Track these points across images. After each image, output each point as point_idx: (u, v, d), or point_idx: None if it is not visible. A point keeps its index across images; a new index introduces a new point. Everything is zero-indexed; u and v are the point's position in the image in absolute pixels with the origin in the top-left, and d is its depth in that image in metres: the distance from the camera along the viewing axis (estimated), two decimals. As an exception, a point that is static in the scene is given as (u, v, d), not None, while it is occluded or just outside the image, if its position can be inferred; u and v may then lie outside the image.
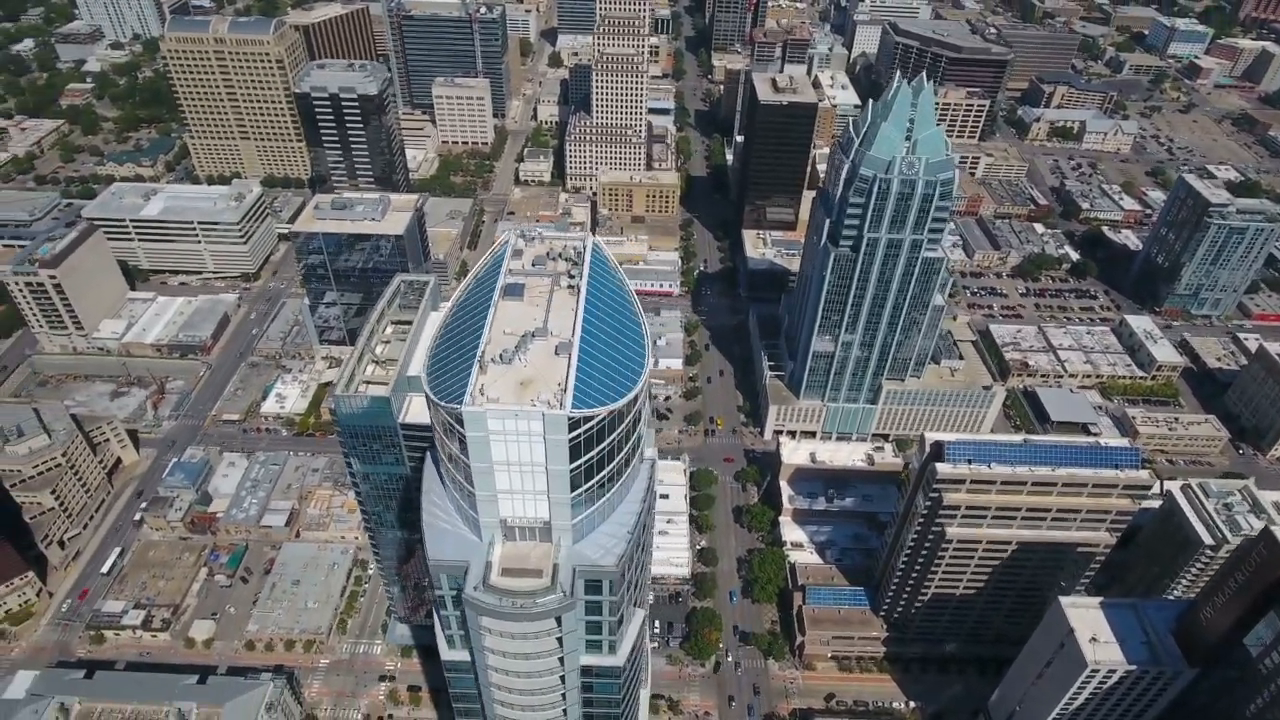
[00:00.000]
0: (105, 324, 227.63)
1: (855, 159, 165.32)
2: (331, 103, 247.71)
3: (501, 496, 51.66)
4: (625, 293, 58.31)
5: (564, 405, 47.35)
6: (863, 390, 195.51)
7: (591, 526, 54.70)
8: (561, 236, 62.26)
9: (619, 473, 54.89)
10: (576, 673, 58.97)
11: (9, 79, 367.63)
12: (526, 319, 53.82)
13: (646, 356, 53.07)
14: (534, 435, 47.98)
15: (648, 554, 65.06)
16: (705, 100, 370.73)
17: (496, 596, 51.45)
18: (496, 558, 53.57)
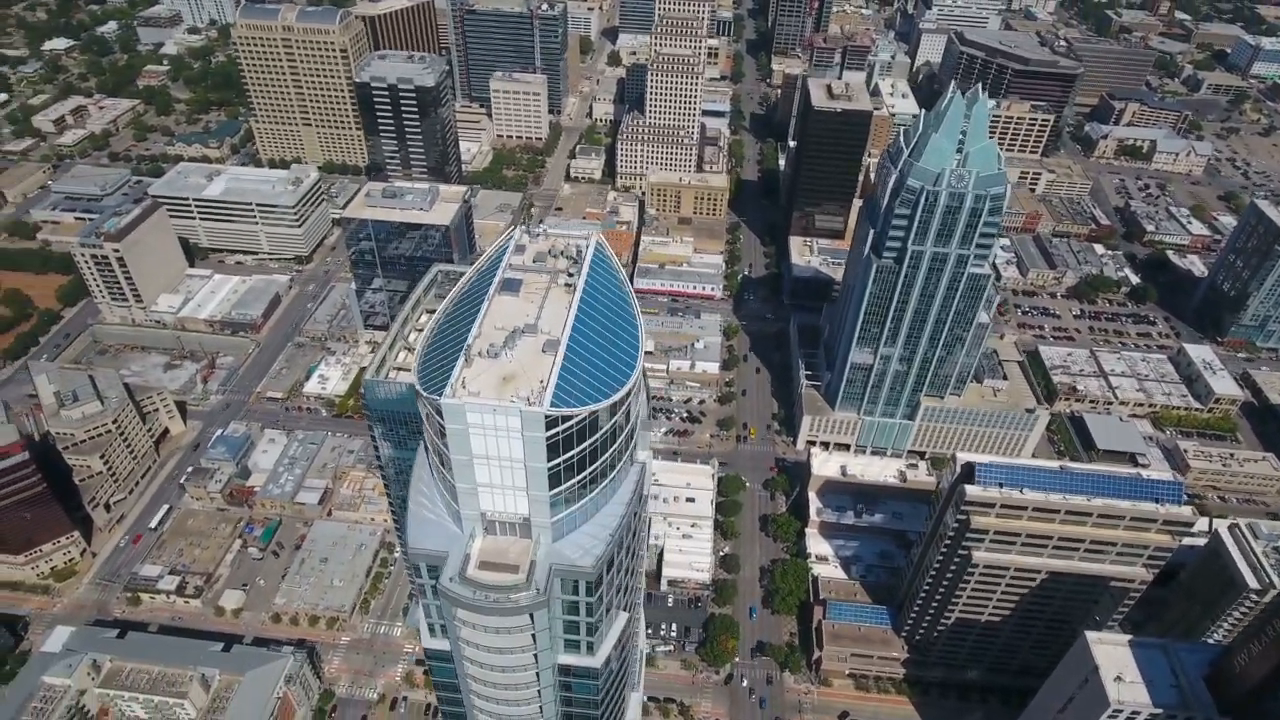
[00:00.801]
0: (163, 298, 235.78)
1: (903, 169, 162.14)
2: (390, 93, 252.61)
3: (481, 490, 51.90)
4: (624, 294, 57.95)
5: (542, 402, 47.29)
6: (900, 405, 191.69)
7: (572, 526, 54.57)
8: (566, 234, 62.12)
9: (603, 474, 54.57)
10: (552, 670, 58.87)
11: (92, 59, 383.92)
12: (519, 314, 53.91)
13: (637, 360, 52.65)
14: (512, 431, 48.02)
15: (636, 558, 64.58)
16: (762, 104, 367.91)
17: (471, 589, 51.68)
18: (475, 551, 53.80)
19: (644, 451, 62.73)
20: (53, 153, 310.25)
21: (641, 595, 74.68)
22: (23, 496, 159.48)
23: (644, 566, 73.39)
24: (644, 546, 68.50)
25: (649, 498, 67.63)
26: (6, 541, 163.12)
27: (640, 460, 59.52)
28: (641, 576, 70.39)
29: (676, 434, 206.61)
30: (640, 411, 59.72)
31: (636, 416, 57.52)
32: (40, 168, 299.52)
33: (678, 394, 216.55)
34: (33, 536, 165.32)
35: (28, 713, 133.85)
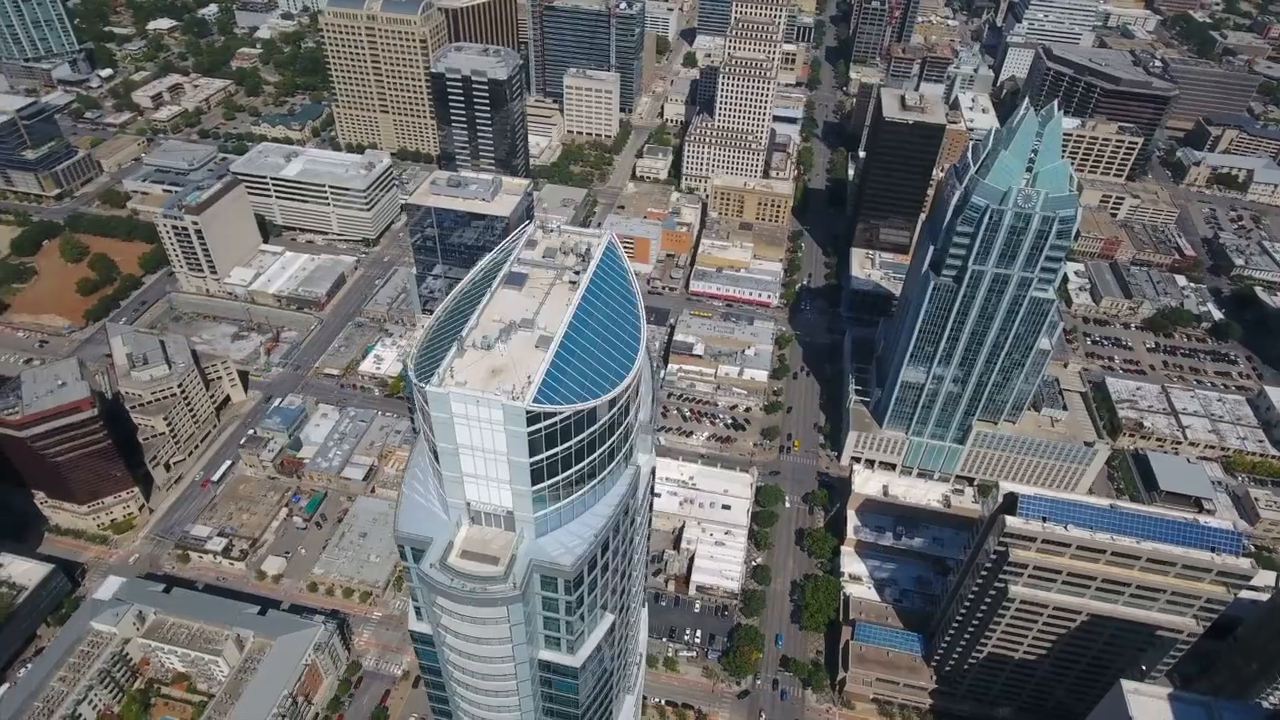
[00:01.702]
0: (236, 271, 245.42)
1: (968, 186, 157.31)
2: (463, 84, 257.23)
3: (467, 480, 52.24)
4: (629, 297, 57.48)
5: (524, 397, 47.29)
6: (950, 428, 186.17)
7: (557, 523, 54.44)
8: (580, 232, 62.08)
9: (591, 474, 54.28)
10: (529, 665, 58.89)
11: (192, 40, 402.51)
12: (519, 308, 54.08)
13: (634, 364, 52.16)
14: (495, 423, 48.17)
15: (630, 562, 64.04)
16: (836, 113, 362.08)
17: (450, 576, 52.11)
18: (459, 539, 54.20)
19: (644, 454, 62.22)
20: (148, 127, 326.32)
21: (639, 599, 74.13)
22: (89, 450, 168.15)
23: (643, 571, 72.91)
24: (640, 550, 67.99)
25: (647, 502, 67.08)
26: (73, 492, 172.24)
27: (637, 463, 59.02)
28: (638, 580, 69.98)
29: (719, 439, 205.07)
30: (640, 415, 59.31)
31: (633, 419, 57.11)
32: (135, 140, 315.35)
33: (724, 399, 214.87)
34: (96, 489, 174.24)
35: (75, 655, 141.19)
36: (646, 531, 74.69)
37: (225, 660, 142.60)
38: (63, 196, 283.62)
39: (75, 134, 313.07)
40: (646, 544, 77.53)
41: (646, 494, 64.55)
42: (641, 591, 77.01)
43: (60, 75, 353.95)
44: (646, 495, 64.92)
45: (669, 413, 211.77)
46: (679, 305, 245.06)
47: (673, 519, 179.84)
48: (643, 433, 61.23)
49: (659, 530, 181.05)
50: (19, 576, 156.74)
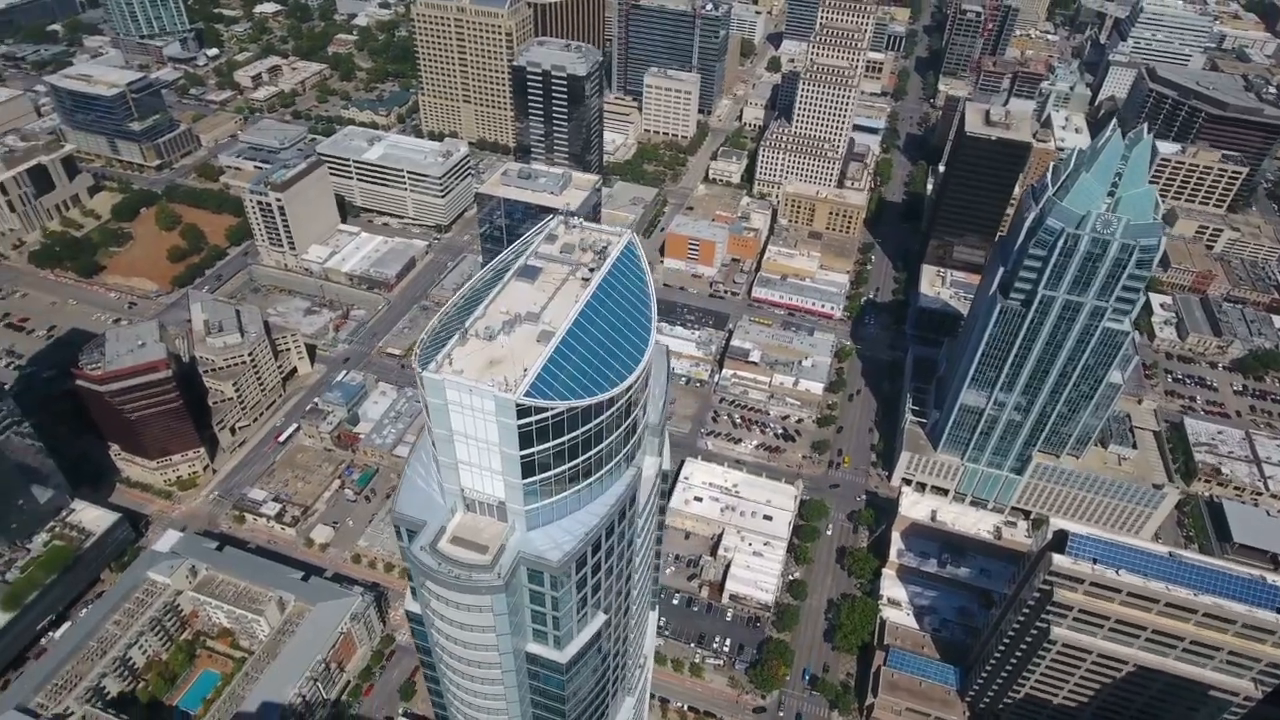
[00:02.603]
0: (314, 248, 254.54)
1: (1045, 207, 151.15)
2: (542, 79, 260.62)
3: (461, 467, 52.71)
4: (642, 299, 56.87)
5: (516, 390, 47.38)
6: (1009, 457, 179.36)
7: (549, 518, 54.39)
8: (600, 229, 61.97)
9: (586, 472, 54.03)
10: (514, 656, 58.93)
11: (294, 24, 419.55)
12: (528, 301, 54.26)
13: (638, 366, 51.70)
14: (487, 413, 48.43)
15: (628, 563, 63.47)
16: (921, 125, 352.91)
17: (437, 561, 52.76)
18: (452, 526, 54.75)
19: (651, 457, 61.73)
20: (246, 105, 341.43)
21: (644, 601, 73.50)
22: (161, 408, 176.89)
23: (649, 574, 72.21)
24: (645, 553, 67.36)
25: (653, 505, 66.43)
26: (144, 447, 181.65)
27: (639, 465, 58.46)
28: (642, 583, 69.34)
29: (768, 449, 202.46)
30: (649, 417, 58.91)
31: (636, 421, 56.69)
32: (233, 118, 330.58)
33: (776, 409, 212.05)
34: (166, 446, 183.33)
35: (131, 601, 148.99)
36: (655, 535, 74.21)
37: (267, 620, 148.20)
38: (162, 167, 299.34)
39: (179, 109, 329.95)
40: (657, 547, 77.11)
41: (653, 497, 64.04)
42: (649, 595, 76.66)
43: (171, 53, 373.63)
44: (653, 499, 64.41)
45: (719, 418, 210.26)
46: (739, 311, 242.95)
47: (712, 525, 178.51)
48: (650, 435, 60.88)
49: (697, 535, 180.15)
50: (89, 523, 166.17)
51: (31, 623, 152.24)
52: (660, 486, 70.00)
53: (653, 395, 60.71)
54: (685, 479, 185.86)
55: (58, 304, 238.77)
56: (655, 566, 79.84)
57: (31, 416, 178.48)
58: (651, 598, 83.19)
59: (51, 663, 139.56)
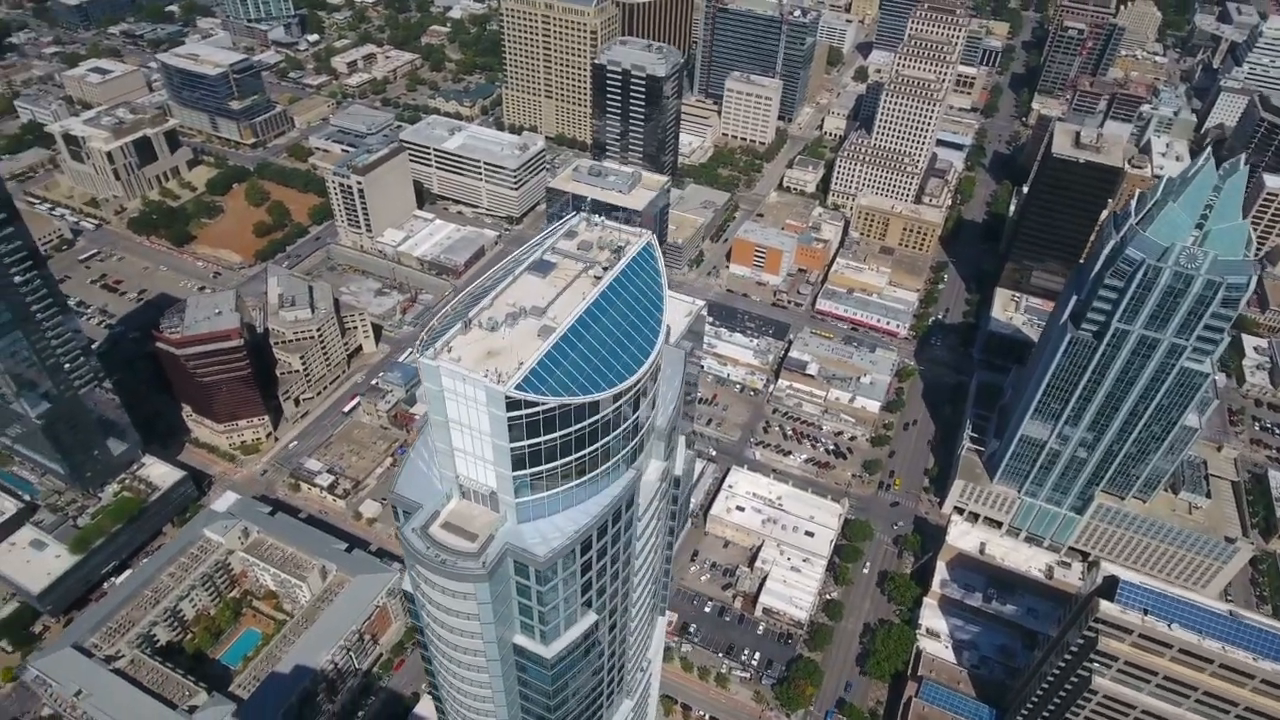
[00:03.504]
0: (389, 232, 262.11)
1: (1125, 236, 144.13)
2: (622, 78, 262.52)
3: (457, 454, 53.12)
4: (653, 302, 55.97)
5: (508, 383, 47.48)
6: (1069, 494, 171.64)
7: (541, 512, 54.25)
8: (620, 229, 61.61)
9: (581, 470, 53.73)
10: (499, 646, 58.90)
11: (392, 14, 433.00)
12: (536, 295, 54.29)
13: (641, 368, 51.11)
14: (479, 403, 48.71)
15: (625, 566, 62.75)
16: (1010, 144, 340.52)
17: (426, 544, 53.40)
18: (446, 511, 55.26)
19: (656, 461, 61.04)
20: (339, 91, 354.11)
21: (648, 605, 72.65)
22: (231, 375, 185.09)
23: (653, 579, 71.33)
24: (647, 558, 66.44)
25: (659, 510, 65.63)
26: (213, 410, 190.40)
27: (640, 468, 57.79)
28: (643, 587, 68.45)
29: (817, 464, 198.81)
30: (655, 421, 58.33)
31: (638, 423, 56.18)
32: (326, 102, 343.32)
33: (829, 424, 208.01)
34: (233, 411, 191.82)
35: (186, 556, 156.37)
36: (664, 540, 73.55)
37: (309, 587, 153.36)
38: (257, 145, 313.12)
39: (277, 91, 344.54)
40: (667, 553, 76.42)
41: (657, 502, 63.39)
42: (655, 599, 75.94)
43: (274, 37, 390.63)
44: (657, 503, 63.76)
45: (770, 428, 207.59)
46: (801, 322, 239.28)
47: (752, 536, 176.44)
48: (657, 439, 60.32)
49: (736, 545, 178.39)
50: (156, 478, 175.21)
51: (96, 567, 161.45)
52: (671, 491, 69.44)
53: (663, 399, 60.27)
54: (729, 487, 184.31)
55: (150, 269, 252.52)
56: (666, 572, 79.28)
57: (115, 374, 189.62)
58: (659, 602, 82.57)
59: (109, 607, 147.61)
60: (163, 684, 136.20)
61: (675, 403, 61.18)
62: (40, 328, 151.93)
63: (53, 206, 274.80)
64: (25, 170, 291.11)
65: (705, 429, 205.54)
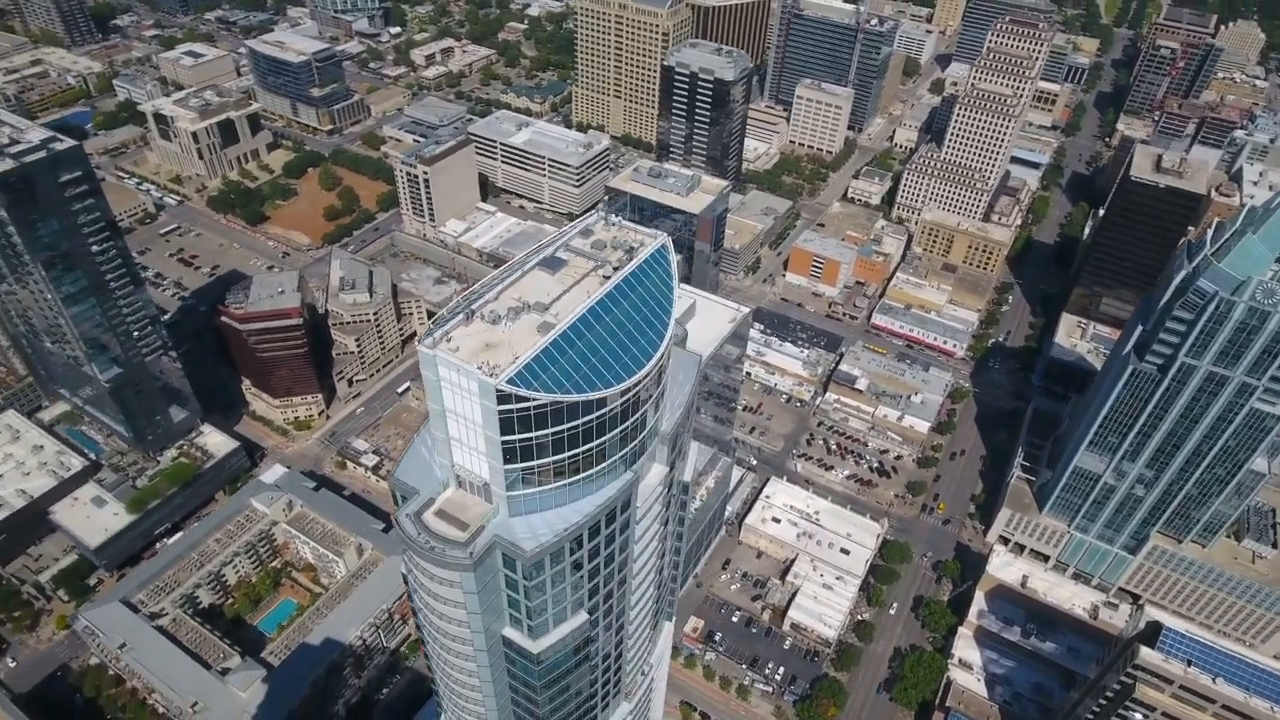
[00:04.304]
0: (451, 222, 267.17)
1: (1198, 266, 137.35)
2: (689, 80, 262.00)
3: (453, 444, 53.62)
4: (662, 304, 55.34)
5: (499, 376, 47.64)
6: (1123, 533, 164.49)
7: (534, 507, 54.22)
8: (638, 229, 61.20)
9: (575, 469, 53.54)
10: (487, 636, 59.06)
11: (472, 9, 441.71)
12: (542, 291, 54.40)
13: (641, 370, 50.73)
14: (472, 394, 49.05)
15: (621, 569, 62.25)
16: (1090, 164, 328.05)
17: (417, 530, 54.03)
18: (441, 499, 55.80)
19: (660, 466, 60.47)
20: (416, 83, 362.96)
21: (650, 610, 71.85)
22: (289, 352, 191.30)
23: (656, 585, 70.52)
24: (648, 563, 65.70)
25: (659, 515, 64.88)
26: (270, 385, 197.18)
27: (637, 471, 57.33)
28: (644, 591, 67.80)
29: (859, 481, 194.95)
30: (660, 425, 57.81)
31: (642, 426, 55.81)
32: (403, 93, 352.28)
33: (875, 441, 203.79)
34: (290, 387, 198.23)
35: (232, 523, 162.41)
36: (673, 545, 72.90)
37: (345, 563, 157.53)
38: (333, 132, 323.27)
39: (357, 80, 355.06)
40: (676, 559, 75.77)
41: (656, 507, 62.83)
42: (660, 604, 75.27)
43: (359, 28, 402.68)
44: (657, 509, 63.20)
45: (813, 441, 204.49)
46: (855, 335, 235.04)
47: (786, 549, 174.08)
48: (660, 443, 59.87)
49: (769, 556, 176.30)
50: (212, 446, 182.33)
51: (150, 527, 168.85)
52: (680, 498, 68.89)
53: (669, 403, 59.85)
54: (766, 498, 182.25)
55: (224, 246, 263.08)
56: (673, 578, 78.72)
57: (182, 344, 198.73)
58: (666, 608, 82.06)
59: (158, 566, 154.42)
60: (200, 644, 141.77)
61: (684, 408, 60.68)
62: (113, 296, 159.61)
63: (140, 181, 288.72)
64: (118, 145, 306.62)
65: (748, 437, 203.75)
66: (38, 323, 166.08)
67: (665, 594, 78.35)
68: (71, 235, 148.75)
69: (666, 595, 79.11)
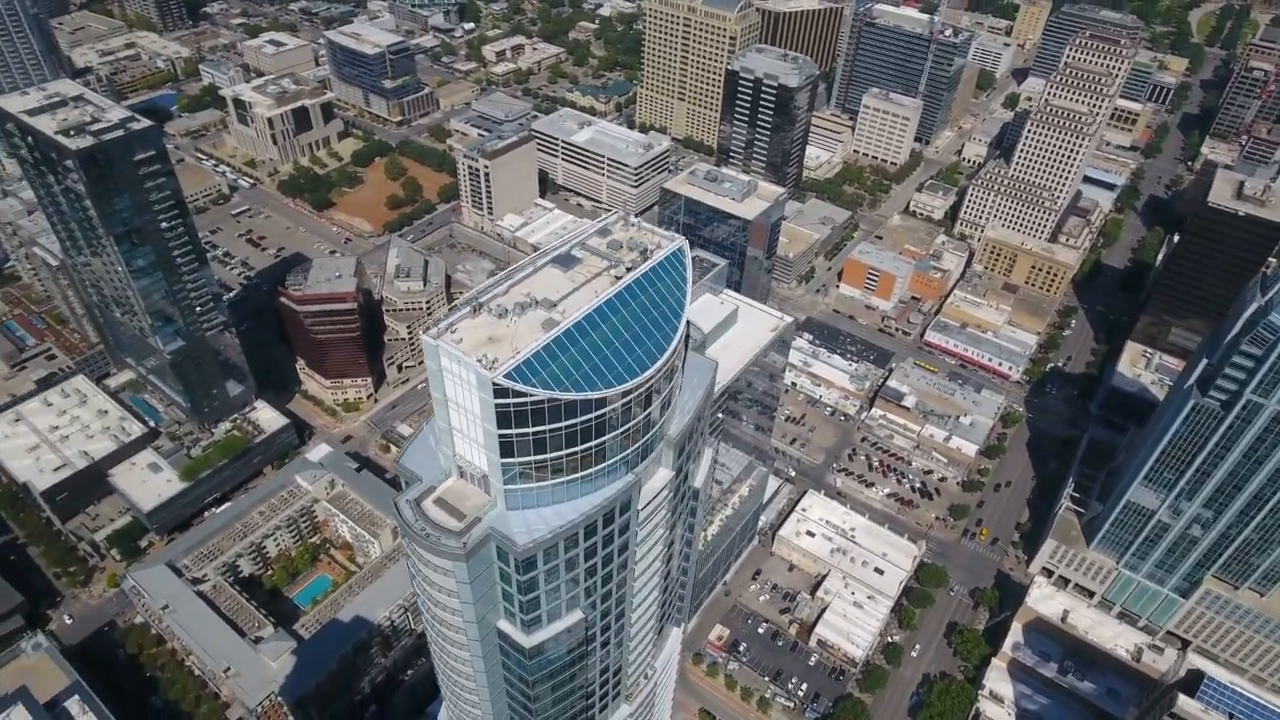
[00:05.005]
0: (509, 217, 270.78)
1: (1272, 300, 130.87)
2: (753, 85, 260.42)
3: (455, 434, 54.12)
4: (673, 308, 54.68)
5: (496, 370, 47.81)
6: (1175, 574, 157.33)
7: (529, 502, 54.21)
8: (656, 232, 60.66)
9: (572, 467, 53.44)
10: (480, 626, 59.34)
11: (545, 8, 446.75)
12: (552, 288, 54.43)
13: (643, 373, 50.38)
14: (471, 386, 49.37)
15: (620, 570, 61.72)
16: (1169, 188, 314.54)
17: (415, 516, 54.65)
18: (442, 487, 56.33)
19: (665, 470, 59.97)
20: (485, 78, 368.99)
21: (654, 615, 71.05)
22: (342, 335, 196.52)
23: (661, 590, 69.72)
24: (650, 567, 65.13)
25: (664, 520, 64.27)
26: (323, 366, 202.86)
27: (642, 475, 56.91)
28: (648, 596, 67.14)
29: (900, 500, 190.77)
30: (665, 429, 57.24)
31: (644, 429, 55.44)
32: (472, 88, 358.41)
33: (919, 461, 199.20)
34: (341, 370, 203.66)
35: (276, 498, 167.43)
36: (681, 551, 72.28)
37: (380, 544, 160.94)
38: (402, 124, 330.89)
39: (429, 73, 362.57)
40: (685, 565, 75.16)
41: (661, 512, 62.34)
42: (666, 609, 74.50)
43: (434, 23, 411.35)
44: (662, 513, 62.69)
45: (855, 457, 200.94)
46: (906, 352, 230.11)
47: (819, 564, 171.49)
48: (666, 448, 59.37)
49: (801, 570, 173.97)
50: (264, 422, 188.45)
51: (200, 495, 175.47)
52: (691, 504, 68.34)
53: (679, 407, 59.37)
54: (802, 510, 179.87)
55: (291, 229, 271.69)
56: (683, 585, 78.16)
57: (243, 322, 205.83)
58: (675, 614, 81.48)
59: (204, 533, 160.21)
60: (237, 611, 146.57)
61: (694, 413, 60.10)
62: (179, 272, 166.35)
63: (217, 163, 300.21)
64: (200, 128, 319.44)
65: (788, 448, 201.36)
66: (109, 293, 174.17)
67: (673, 599, 77.89)
68: (143, 212, 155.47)
69: (675, 600, 78.67)
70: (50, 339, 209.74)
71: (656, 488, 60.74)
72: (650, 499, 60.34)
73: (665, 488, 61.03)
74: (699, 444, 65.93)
